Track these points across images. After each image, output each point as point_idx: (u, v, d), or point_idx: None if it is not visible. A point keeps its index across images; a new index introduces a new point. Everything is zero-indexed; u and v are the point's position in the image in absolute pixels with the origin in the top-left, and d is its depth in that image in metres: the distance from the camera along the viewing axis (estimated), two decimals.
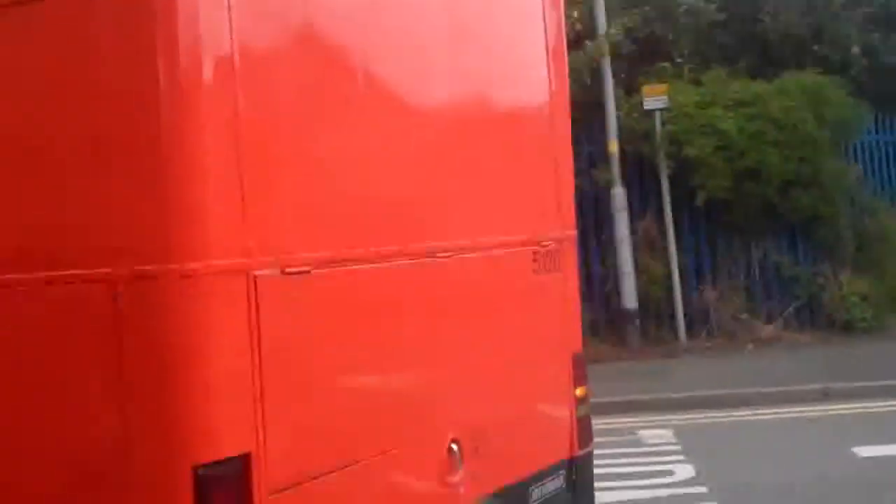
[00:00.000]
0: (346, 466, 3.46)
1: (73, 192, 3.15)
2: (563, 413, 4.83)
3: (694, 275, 13.79)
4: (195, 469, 2.95)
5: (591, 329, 12.08)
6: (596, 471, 5.05)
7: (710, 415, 9.98)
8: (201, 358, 3.02)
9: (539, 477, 4.57)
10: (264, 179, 3.20)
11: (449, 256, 4.05)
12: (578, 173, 6.83)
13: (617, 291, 13.44)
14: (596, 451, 5.07)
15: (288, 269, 3.24)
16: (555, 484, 4.70)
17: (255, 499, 3.09)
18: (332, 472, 3.39)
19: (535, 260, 4.68)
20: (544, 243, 4.74)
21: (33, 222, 3.24)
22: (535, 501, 4.53)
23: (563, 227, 4.94)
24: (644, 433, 9.37)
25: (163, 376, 3.01)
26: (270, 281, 3.17)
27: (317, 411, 3.36)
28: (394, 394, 3.77)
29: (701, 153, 12.96)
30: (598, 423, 5.32)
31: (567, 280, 4.94)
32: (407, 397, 3.82)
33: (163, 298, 3.01)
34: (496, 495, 4.22)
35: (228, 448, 3.03)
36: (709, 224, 13.72)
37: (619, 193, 13.43)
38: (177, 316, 3.00)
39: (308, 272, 3.32)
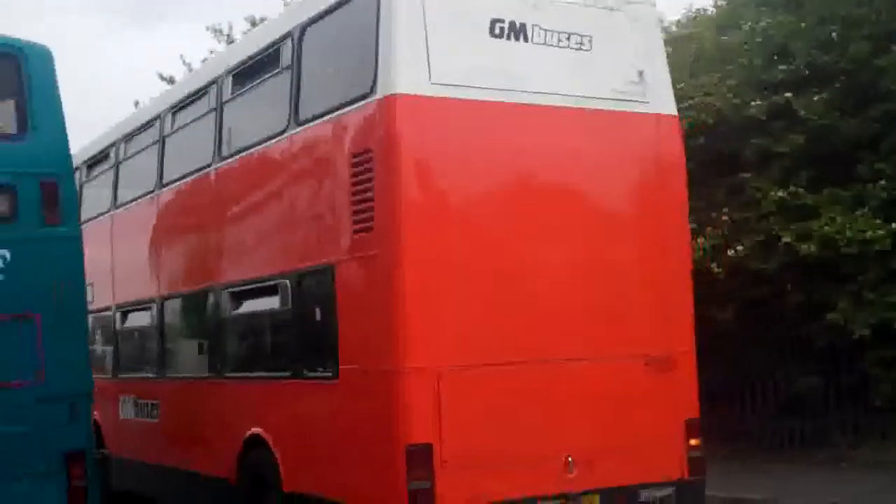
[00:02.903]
0: (494, 458, 7.56)
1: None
2: (675, 451, 8.26)
3: None
4: (406, 447, 7.33)
5: None
6: None
7: None
8: (413, 404, 7.41)
9: (647, 485, 8.09)
10: (443, 323, 7.49)
11: (567, 362, 7.91)
12: None
13: None
14: None
15: (452, 368, 7.52)
16: (666, 491, 8.18)
17: (436, 467, 7.34)
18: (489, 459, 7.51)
19: (646, 364, 8.23)
20: (655, 356, 8.28)
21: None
22: (644, 499, 8.09)
23: (679, 344, 8.39)
24: None
25: (395, 410, 7.45)
26: (447, 372, 7.47)
27: (470, 429, 7.51)
28: (526, 429, 7.72)
29: None
30: None
31: (680, 378, 8.33)
32: (534, 432, 7.74)
33: (394, 380, 7.48)
34: (601, 489, 7.91)
35: (421, 438, 7.35)
36: None
37: None
38: (400, 388, 7.45)
39: (465, 369, 7.55)
